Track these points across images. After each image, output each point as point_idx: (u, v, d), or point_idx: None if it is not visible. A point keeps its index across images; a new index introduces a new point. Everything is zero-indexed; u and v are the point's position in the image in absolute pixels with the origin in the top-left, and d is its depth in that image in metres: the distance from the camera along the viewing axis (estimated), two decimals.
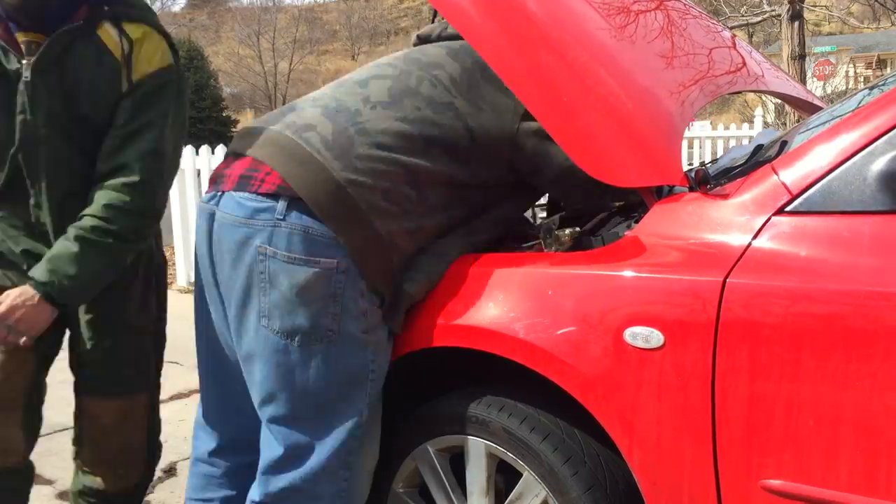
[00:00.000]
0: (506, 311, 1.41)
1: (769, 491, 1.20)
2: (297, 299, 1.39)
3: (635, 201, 1.58)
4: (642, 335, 1.26)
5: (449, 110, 1.52)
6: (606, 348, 1.30)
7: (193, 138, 8.94)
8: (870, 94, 1.60)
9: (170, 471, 2.66)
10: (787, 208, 1.24)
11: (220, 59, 37.50)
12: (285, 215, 1.39)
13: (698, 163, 3.96)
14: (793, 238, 1.22)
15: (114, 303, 1.67)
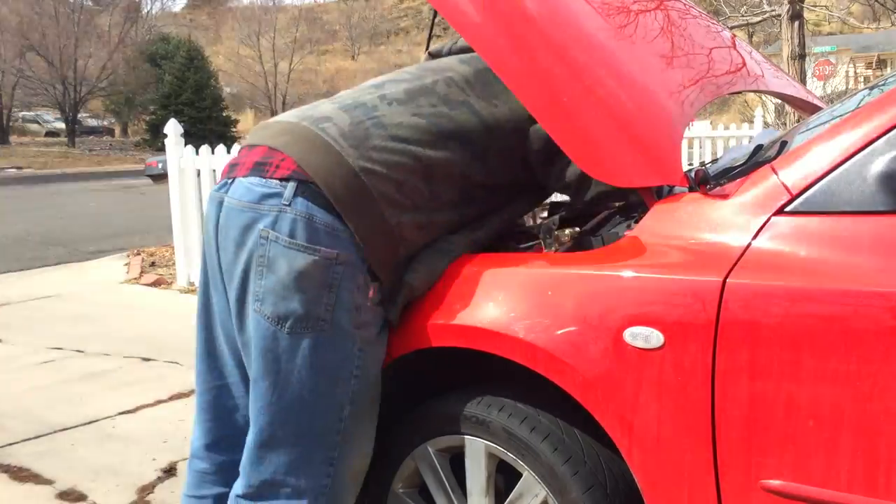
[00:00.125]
0: (506, 311, 1.41)
1: (769, 491, 1.19)
2: (292, 285, 1.39)
3: (635, 201, 1.58)
4: (642, 335, 1.26)
5: (464, 106, 1.57)
6: (606, 348, 1.30)
7: (193, 138, 8.92)
8: (870, 94, 1.60)
9: (170, 471, 2.65)
10: (787, 208, 1.24)
11: (220, 59, 37.51)
12: (291, 201, 1.40)
13: (698, 163, 3.96)
14: (793, 238, 1.22)
15: None
